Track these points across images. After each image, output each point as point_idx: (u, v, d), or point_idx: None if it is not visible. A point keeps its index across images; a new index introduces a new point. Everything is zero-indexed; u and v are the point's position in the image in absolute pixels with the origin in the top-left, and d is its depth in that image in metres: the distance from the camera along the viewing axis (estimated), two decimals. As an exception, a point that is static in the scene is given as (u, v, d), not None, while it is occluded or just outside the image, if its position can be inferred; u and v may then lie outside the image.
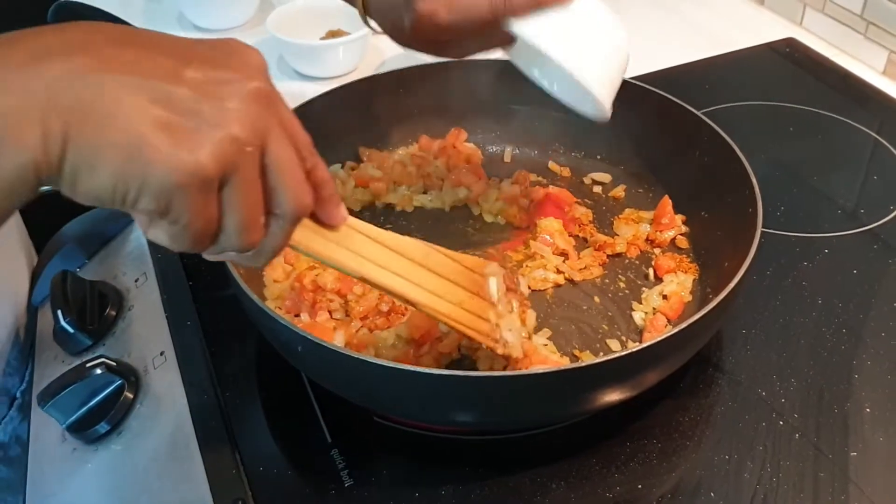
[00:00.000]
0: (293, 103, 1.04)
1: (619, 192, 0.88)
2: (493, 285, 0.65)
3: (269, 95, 0.45)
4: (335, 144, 0.89)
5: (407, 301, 0.59)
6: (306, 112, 0.82)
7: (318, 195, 0.50)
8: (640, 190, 0.89)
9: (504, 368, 0.68)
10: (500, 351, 0.63)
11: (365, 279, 0.56)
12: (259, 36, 1.16)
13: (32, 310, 0.86)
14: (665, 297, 0.75)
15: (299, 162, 0.47)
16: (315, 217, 0.52)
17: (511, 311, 0.66)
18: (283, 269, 0.77)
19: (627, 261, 0.81)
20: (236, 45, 0.46)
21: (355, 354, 0.58)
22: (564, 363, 0.69)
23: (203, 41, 0.45)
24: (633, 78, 0.93)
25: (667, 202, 0.83)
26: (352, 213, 0.55)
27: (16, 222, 0.88)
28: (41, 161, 0.39)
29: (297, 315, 0.73)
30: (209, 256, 0.48)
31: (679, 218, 0.83)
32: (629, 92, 0.88)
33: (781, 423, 0.67)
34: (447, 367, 0.69)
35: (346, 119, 0.89)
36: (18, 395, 0.81)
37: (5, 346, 0.81)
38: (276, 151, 0.45)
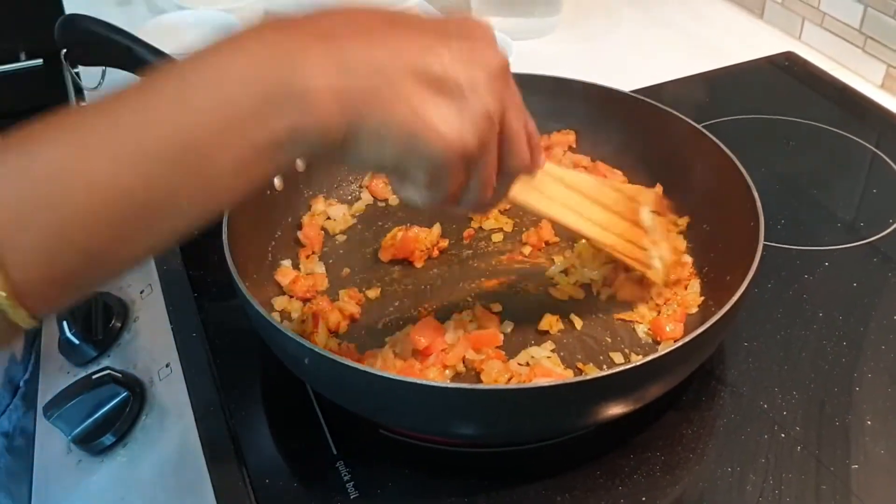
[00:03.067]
0: None
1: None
2: (646, 214, 0.74)
3: (507, 69, 0.50)
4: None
5: (582, 235, 0.70)
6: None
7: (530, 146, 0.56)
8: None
9: (509, 380, 0.68)
10: (650, 276, 0.74)
11: (552, 219, 0.69)
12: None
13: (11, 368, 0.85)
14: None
15: (523, 127, 0.53)
16: None
17: (662, 238, 0.75)
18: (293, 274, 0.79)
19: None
20: (471, 21, 0.51)
21: (362, 367, 0.58)
22: (568, 376, 0.70)
23: (443, 19, 0.51)
24: (633, 91, 0.94)
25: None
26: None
27: None
28: (333, 131, 0.44)
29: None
30: (440, 206, 0.54)
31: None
32: (629, 105, 0.90)
33: (783, 435, 0.68)
34: (452, 380, 0.69)
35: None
36: (22, 384, 0.81)
37: None
38: (511, 122, 0.51)
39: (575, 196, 0.69)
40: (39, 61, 1.62)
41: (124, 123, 0.42)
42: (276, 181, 0.84)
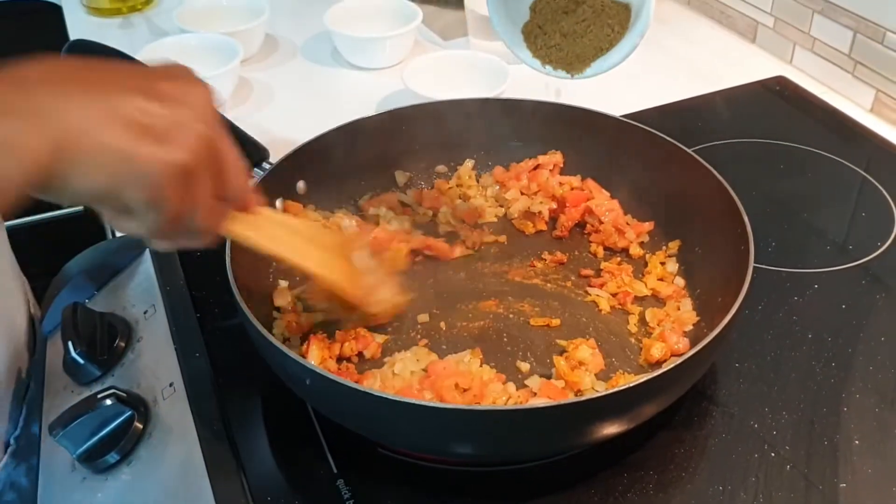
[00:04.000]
0: (345, 91, 1.07)
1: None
2: (357, 257, 0.78)
3: (211, 99, 0.55)
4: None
5: (304, 271, 0.71)
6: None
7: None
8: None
9: (507, 402, 0.70)
10: (371, 310, 0.77)
11: (275, 257, 0.70)
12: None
13: (42, 339, 0.87)
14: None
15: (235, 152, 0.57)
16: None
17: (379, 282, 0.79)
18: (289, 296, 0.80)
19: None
20: (173, 65, 0.57)
21: (362, 388, 0.60)
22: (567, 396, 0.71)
23: (147, 65, 0.56)
24: (624, 115, 0.96)
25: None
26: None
27: (10, 262, 0.89)
28: (40, 173, 0.47)
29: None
30: (164, 244, 0.59)
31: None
32: (621, 129, 0.91)
33: (773, 454, 0.69)
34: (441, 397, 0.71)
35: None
36: (13, 441, 0.82)
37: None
38: (224, 147, 0.56)
39: (296, 238, 0.71)
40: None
41: None
42: (278, 203, 0.86)
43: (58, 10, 1.57)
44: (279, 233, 0.69)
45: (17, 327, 0.85)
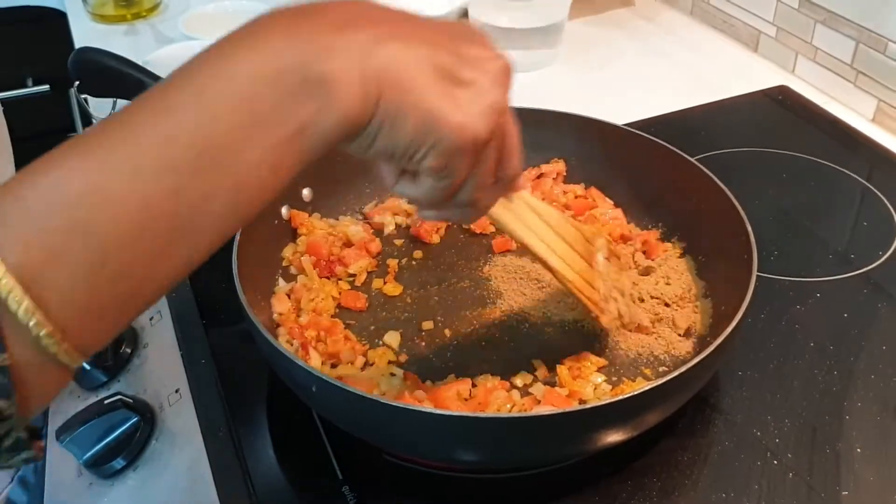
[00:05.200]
0: None
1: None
2: (601, 259, 0.75)
3: (511, 71, 0.52)
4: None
5: (548, 267, 0.71)
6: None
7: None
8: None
9: (511, 409, 0.70)
10: (602, 320, 0.73)
11: (527, 247, 0.69)
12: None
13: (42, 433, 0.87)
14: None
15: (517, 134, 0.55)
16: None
17: (614, 284, 0.76)
18: (289, 304, 0.81)
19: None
20: (472, 27, 0.54)
21: (368, 395, 0.61)
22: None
23: (446, 21, 0.53)
24: (628, 124, 0.96)
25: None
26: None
27: None
28: (356, 116, 0.45)
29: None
30: (430, 214, 0.58)
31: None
32: (624, 138, 0.92)
33: (776, 462, 0.70)
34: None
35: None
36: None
37: None
38: (510, 124, 0.54)
39: (544, 227, 0.71)
40: (46, 87, 1.65)
41: (142, 134, 0.41)
42: (284, 210, 0.86)
43: (63, 16, 1.58)
44: (531, 219, 0.69)
45: None
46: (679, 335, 0.78)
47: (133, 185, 0.40)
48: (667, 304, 0.81)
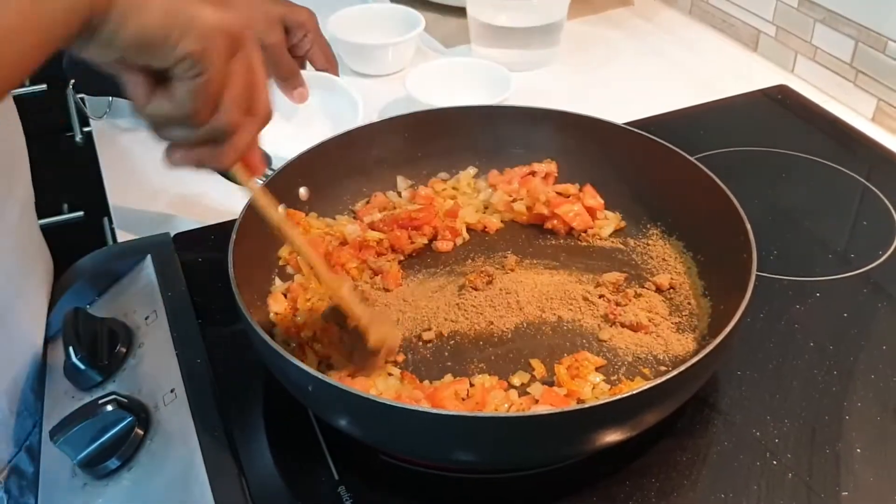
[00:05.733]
0: (348, 96, 1.08)
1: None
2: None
3: (260, 17, 0.57)
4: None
5: (314, 266, 0.71)
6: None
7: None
8: (633, 234, 0.91)
9: (508, 409, 0.70)
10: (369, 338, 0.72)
11: (280, 229, 0.69)
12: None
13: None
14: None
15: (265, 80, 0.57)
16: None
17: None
18: (285, 303, 0.80)
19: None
20: None
21: (365, 394, 0.60)
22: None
23: None
24: (628, 123, 0.96)
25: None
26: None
27: (41, 254, 0.91)
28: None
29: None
30: (182, 155, 0.56)
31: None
32: (624, 137, 0.92)
33: (775, 462, 0.69)
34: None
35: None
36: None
37: (20, 385, 0.83)
38: (258, 57, 0.55)
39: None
40: (44, 87, 1.65)
41: None
42: (280, 209, 0.86)
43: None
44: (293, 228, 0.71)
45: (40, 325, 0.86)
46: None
47: None
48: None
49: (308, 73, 1.12)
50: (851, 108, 1.19)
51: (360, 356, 0.73)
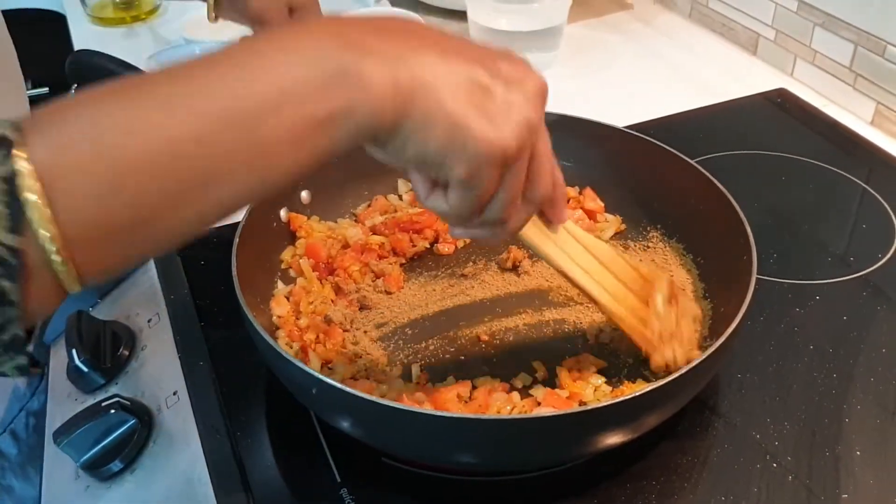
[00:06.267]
0: None
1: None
2: (660, 301, 0.72)
3: (546, 91, 0.54)
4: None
5: (591, 298, 0.70)
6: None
7: (553, 194, 0.60)
8: (633, 237, 0.91)
9: (511, 411, 0.70)
10: (654, 359, 0.70)
11: (565, 275, 0.69)
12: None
13: (45, 347, 0.88)
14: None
15: (550, 158, 0.57)
16: (542, 214, 0.64)
17: (674, 329, 0.71)
18: (288, 306, 0.81)
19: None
20: (509, 50, 0.55)
21: (369, 397, 0.60)
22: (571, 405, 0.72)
23: (490, 45, 0.54)
24: (628, 126, 0.96)
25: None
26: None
27: None
28: (385, 116, 0.47)
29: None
30: (461, 232, 0.59)
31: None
32: (624, 140, 0.92)
33: (775, 465, 0.69)
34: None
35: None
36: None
37: None
38: (543, 145, 0.55)
39: (589, 258, 0.70)
40: (45, 90, 1.65)
41: (184, 84, 0.44)
42: (282, 213, 0.86)
43: (62, 19, 1.58)
44: (574, 250, 0.69)
45: None
46: None
47: (162, 123, 0.42)
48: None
49: None
50: (851, 112, 1.20)
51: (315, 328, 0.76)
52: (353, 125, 0.47)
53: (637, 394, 0.60)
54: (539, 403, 0.71)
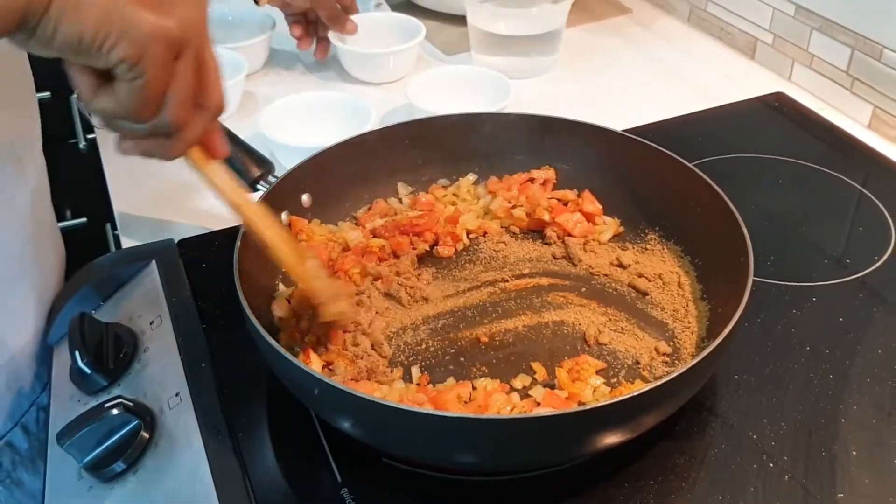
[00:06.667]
0: (350, 104, 1.08)
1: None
2: (312, 263, 0.74)
3: (206, 17, 0.55)
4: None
5: (261, 237, 0.70)
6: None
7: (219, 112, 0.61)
8: (632, 239, 0.92)
9: (511, 411, 0.71)
10: (329, 309, 0.74)
11: (235, 205, 0.68)
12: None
13: (49, 349, 0.88)
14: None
15: (217, 74, 0.58)
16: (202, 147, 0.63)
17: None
18: (289, 308, 0.81)
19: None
20: None
21: (371, 398, 0.61)
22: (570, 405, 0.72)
23: None
24: (626, 130, 0.97)
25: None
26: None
27: (52, 242, 0.93)
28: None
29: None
30: (131, 146, 0.58)
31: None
32: (623, 143, 0.93)
33: (772, 465, 0.70)
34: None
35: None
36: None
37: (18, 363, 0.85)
38: (209, 54, 0.57)
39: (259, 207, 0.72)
40: (47, 94, 1.66)
41: None
42: (283, 216, 0.87)
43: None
44: (244, 197, 0.69)
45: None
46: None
47: None
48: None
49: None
50: (848, 115, 1.21)
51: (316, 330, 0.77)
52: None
53: (634, 394, 0.61)
54: (538, 404, 0.72)
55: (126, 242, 1.00)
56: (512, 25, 1.28)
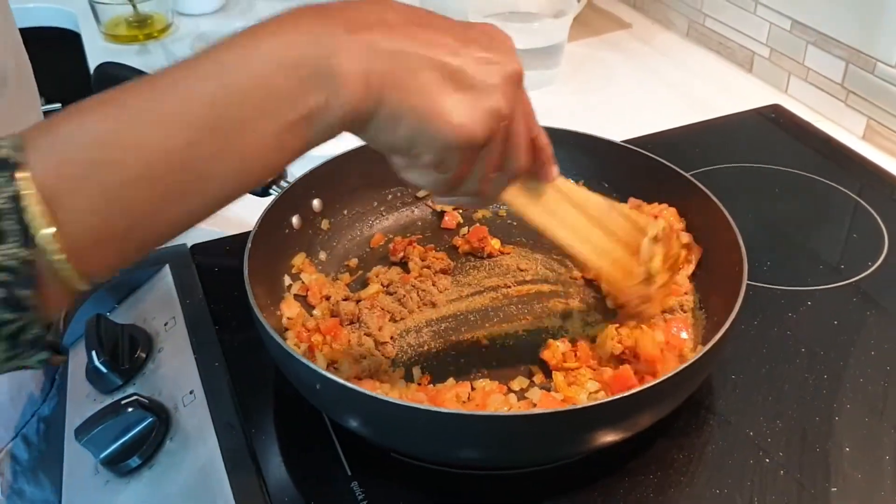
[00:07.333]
0: None
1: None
2: (645, 244, 0.74)
3: (520, 77, 0.56)
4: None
5: (570, 251, 0.73)
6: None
7: (537, 157, 0.64)
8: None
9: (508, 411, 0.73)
10: (630, 308, 0.76)
11: (547, 234, 0.71)
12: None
13: (64, 349, 0.90)
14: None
15: (528, 132, 0.60)
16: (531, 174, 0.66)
17: (659, 271, 0.75)
18: (298, 308, 0.84)
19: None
20: (494, 29, 0.57)
21: (370, 393, 0.63)
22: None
23: (468, 24, 0.56)
24: (625, 141, 1.00)
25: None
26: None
27: None
28: (358, 111, 0.50)
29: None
30: (443, 199, 0.66)
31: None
32: (622, 154, 0.95)
33: (767, 460, 0.72)
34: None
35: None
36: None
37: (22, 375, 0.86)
38: (516, 126, 0.58)
39: (577, 215, 0.72)
40: (58, 105, 1.69)
41: (166, 93, 0.46)
42: (294, 219, 0.89)
43: (76, 37, 1.61)
44: (562, 207, 0.71)
45: None
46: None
47: (152, 134, 0.45)
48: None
49: None
50: (843, 127, 1.23)
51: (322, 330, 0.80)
52: (327, 123, 0.50)
53: (628, 393, 0.63)
54: (534, 405, 0.74)
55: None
56: (515, 39, 1.29)
